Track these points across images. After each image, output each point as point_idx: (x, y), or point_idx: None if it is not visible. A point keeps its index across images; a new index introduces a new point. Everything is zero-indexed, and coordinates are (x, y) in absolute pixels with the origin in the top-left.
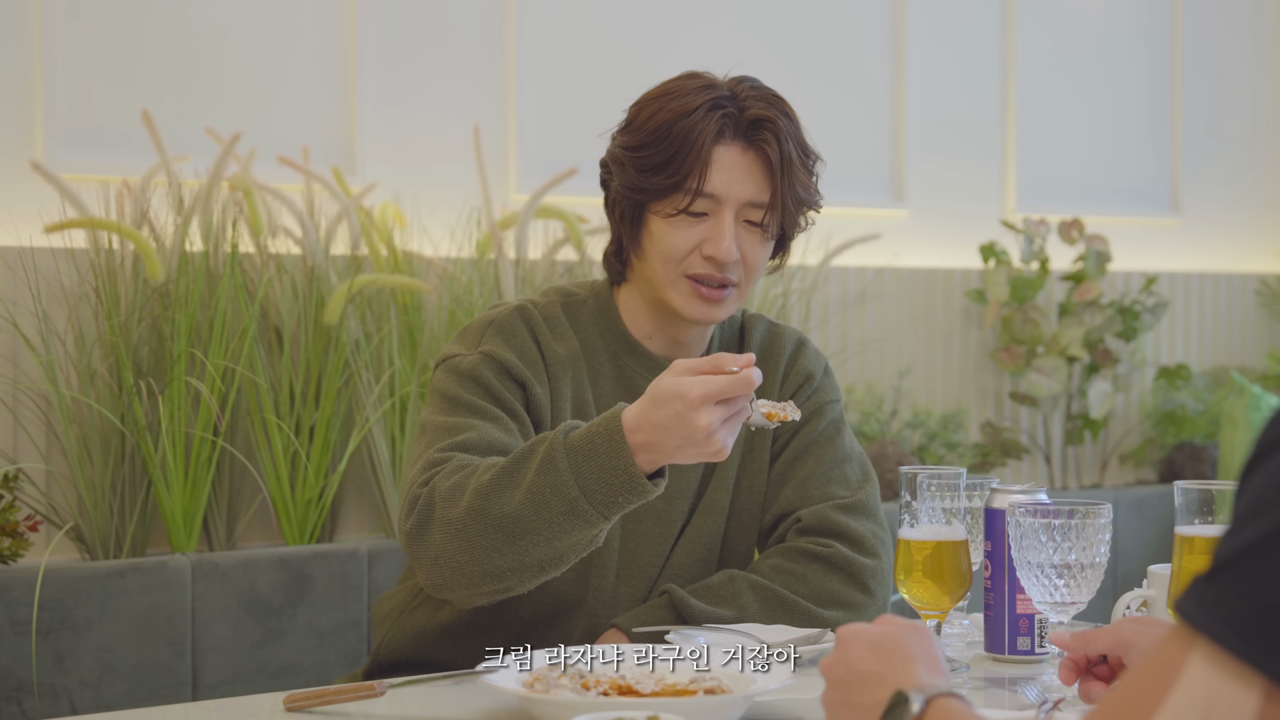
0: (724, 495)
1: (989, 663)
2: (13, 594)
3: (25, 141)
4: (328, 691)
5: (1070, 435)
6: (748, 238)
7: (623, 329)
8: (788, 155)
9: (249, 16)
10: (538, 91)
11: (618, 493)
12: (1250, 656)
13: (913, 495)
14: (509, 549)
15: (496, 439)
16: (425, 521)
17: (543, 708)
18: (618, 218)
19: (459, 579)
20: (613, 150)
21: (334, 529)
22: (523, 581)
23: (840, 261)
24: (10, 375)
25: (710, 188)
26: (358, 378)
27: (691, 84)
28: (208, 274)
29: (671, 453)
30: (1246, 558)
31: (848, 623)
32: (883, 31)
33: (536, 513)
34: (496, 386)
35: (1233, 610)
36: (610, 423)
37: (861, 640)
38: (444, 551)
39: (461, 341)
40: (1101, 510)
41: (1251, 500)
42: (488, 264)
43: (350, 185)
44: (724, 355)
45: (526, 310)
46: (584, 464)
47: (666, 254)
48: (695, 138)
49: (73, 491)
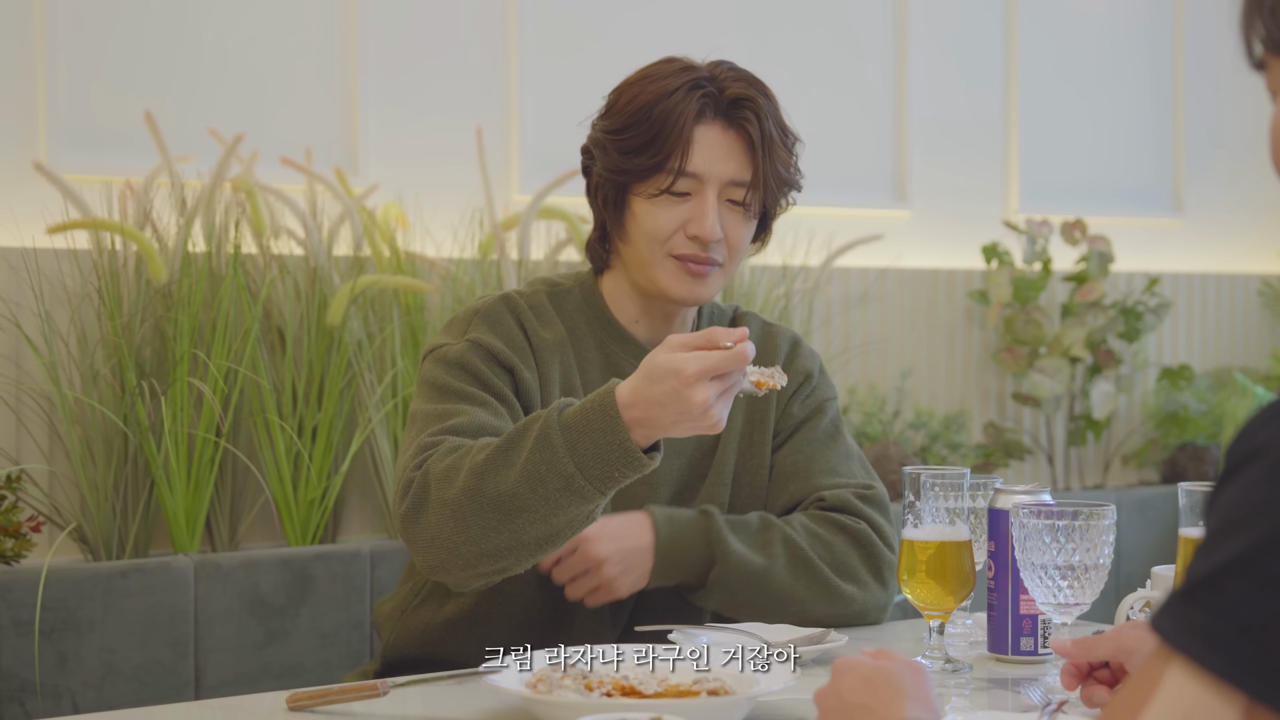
0: (722, 490)
1: (992, 663)
2: (15, 595)
3: (28, 142)
4: (330, 691)
5: (1073, 436)
6: (730, 217)
7: (609, 315)
8: (768, 134)
9: (252, 17)
10: (540, 92)
11: (613, 467)
12: (1233, 677)
13: (916, 495)
14: (505, 527)
15: (487, 423)
16: (420, 503)
17: (546, 708)
18: (600, 203)
19: (455, 560)
20: (594, 135)
21: (336, 530)
22: (519, 560)
23: (842, 262)
24: (13, 376)
25: (692, 167)
26: (360, 378)
27: (670, 67)
28: (210, 275)
29: (667, 427)
30: (1224, 576)
31: (859, 601)
32: (885, 33)
33: (533, 490)
34: (485, 373)
35: (1213, 630)
36: (605, 399)
37: (856, 672)
38: (440, 532)
39: (448, 332)
40: (1105, 511)
41: (1225, 516)
42: (490, 265)
43: (353, 186)
44: (717, 330)
45: (512, 299)
46: (579, 440)
47: (651, 234)
48: (676, 118)
49: (75, 492)
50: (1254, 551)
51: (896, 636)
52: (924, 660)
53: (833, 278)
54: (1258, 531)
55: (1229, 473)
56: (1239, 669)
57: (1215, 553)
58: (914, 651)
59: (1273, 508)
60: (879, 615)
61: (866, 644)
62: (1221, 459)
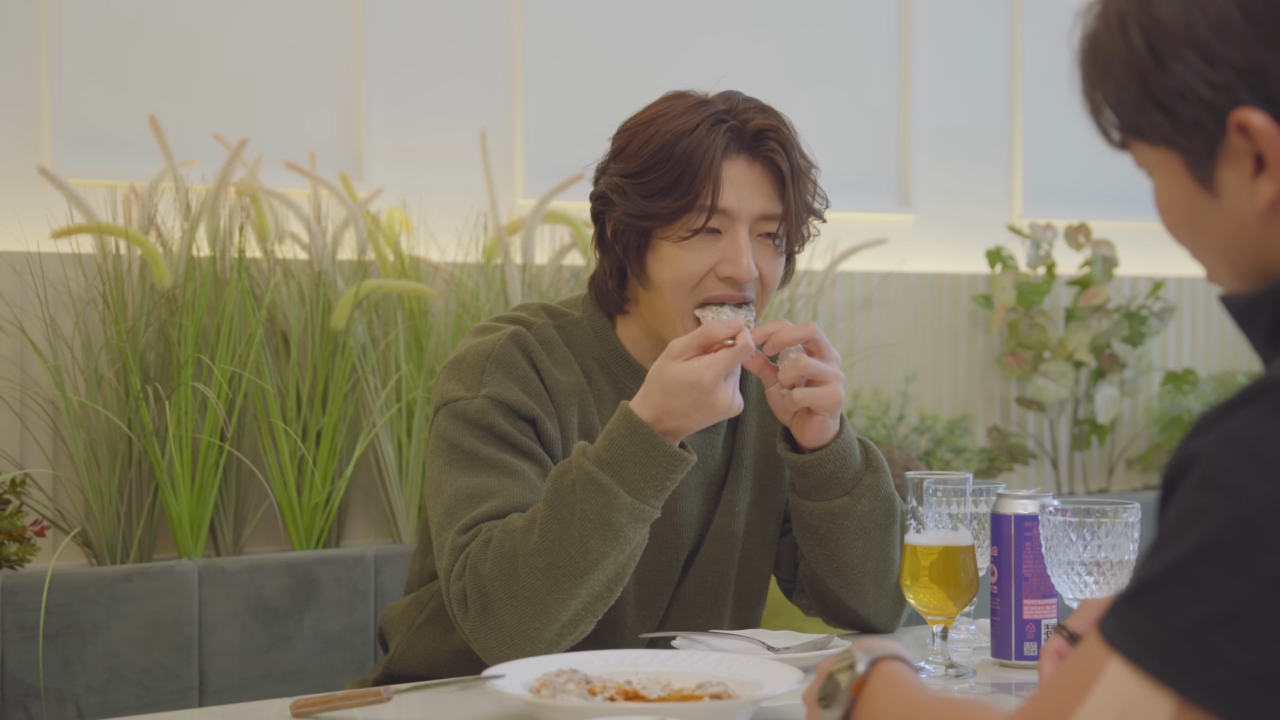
0: (735, 521)
1: (995, 668)
2: (20, 599)
3: (33, 147)
4: (334, 697)
5: (1077, 440)
6: (762, 252)
7: (626, 355)
8: (796, 164)
9: (255, 22)
10: (544, 96)
11: (664, 478)
12: (1165, 677)
13: (919, 500)
14: (583, 586)
15: (519, 501)
16: (486, 609)
17: (549, 713)
18: (620, 250)
19: (540, 641)
20: (610, 181)
21: (340, 534)
22: (597, 612)
23: (846, 266)
24: (17, 380)
25: (724, 203)
26: (364, 383)
27: (682, 103)
28: (215, 279)
29: (693, 428)
30: (1162, 581)
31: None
32: (888, 36)
33: (601, 536)
34: (509, 432)
35: (1151, 633)
36: (629, 422)
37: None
38: (521, 624)
39: (460, 379)
40: (1129, 509)
41: (1166, 523)
42: (494, 269)
43: (357, 190)
44: (712, 326)
45: (522, 337)
46: (624, 469)
47: (680, 281)
48: (703, 154)
49: (79, 497)
50: (1188, 557)
51: (900, 642)
52: (927, 665)
53: (837, 282)
54: (1192, 539)
55: (1168, 483)
56: (1170, 669)
57: (1155, 559)
58: (918, 657)
59: (1204, 515)
60: (896, 623)
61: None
62: (1165, 468)
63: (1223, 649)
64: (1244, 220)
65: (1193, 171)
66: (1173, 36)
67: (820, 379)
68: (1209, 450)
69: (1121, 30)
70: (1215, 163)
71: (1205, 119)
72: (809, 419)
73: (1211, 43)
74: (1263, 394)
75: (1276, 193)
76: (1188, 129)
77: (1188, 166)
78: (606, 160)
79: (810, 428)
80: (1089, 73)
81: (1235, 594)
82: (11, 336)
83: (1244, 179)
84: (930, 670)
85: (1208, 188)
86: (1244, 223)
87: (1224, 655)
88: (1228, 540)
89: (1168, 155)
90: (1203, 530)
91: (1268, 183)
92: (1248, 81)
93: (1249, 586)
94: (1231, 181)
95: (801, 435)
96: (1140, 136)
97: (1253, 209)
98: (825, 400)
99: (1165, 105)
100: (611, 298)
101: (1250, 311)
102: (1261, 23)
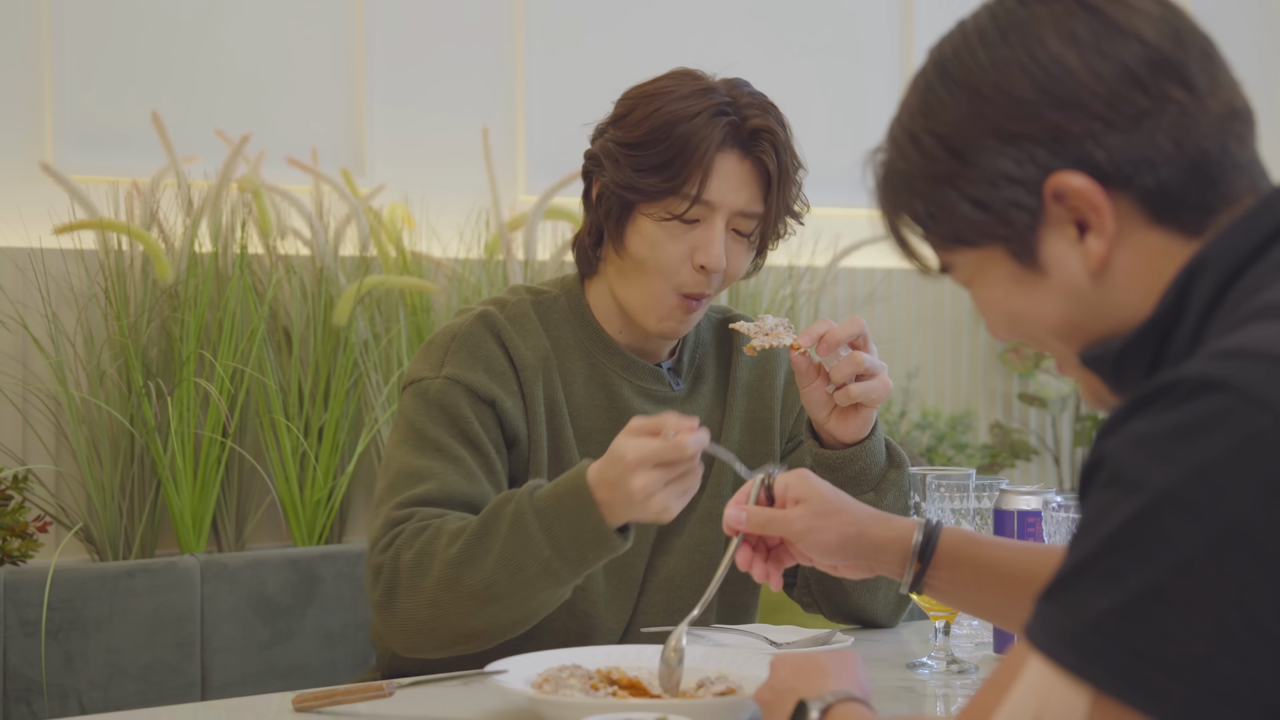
0: (722, 503)
1: (997, 664)
2: (22, 595)
3: (35, 143)
4: (336, 691)
5: (1079, 436)
6: (734, 247)
7: (595, 325)
8: (784, 167)
9: (257, 18)
10: (546, 92)
11: (588, 549)
12: (1079, 669)
13: (922, 496)
14: (481, 614)
15: (457, 490)
16: (392, 591)
17: (552, 708)
18: (602, 212)
19: (430, 642)
20: (604, 145)
21: (343, 530)
22: (493, 640)
23: (849, 262)
24: (20, 376)
25: (708, 195)
26: (366, 379)
27: (688, 84)
28: (217, 275)
29: (622, 512)
30: (1074, 576)
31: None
32: (889, 31)
33: (510, 576)
34: (464, 416)
35: (1062, 627)
36: (577, 480)
37: (787, 664)
38: (414, 619)
39: (426, 360)
40: None
41: (1081, 524)
42: (496, 265)
43: (359, 186)
44: (668, 417)
45: (489, 316)
46: (554, 523)
47: (659, 266)
48: (699, 143)
49: (82, 492)
50: (1096, 550)
51: (902, 638)
52: (929, 662)
53: (839, 278)
54: (1100, 533)
55: (1082, 485)
56: (1083, 661)
57: (1069, 557)
58: (920, 653)
59: (1110, 510)
60: (898, 619)
61: (873, 645)
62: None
63: (1132, 637)
64: (1077, 288)
65: (1018, 258)
66: (965, 133)
67: (872, 372)
68: (1115, 449)
69: (915, 146)
70: (1038, 239)
71: (1020, 196)
72: (854, 413)
73: (1004, 124)
74: (1161, 394)
75: (1107, 248)
76: (1006, 213)
77: (1012, 255)
78: (606, 123)
79: (855, 422)
80: (893, 201)
81: (1141, 583)
82: (14, 332)
83: (1070, 245)
84: (933, 666)
85: (1034, 268)
86: (1077, 290)
87: (1134, 644)
88: (1133, 531)
89: (990, 252)
90: (1109, 524)
91: (1095, 240)
92: (1049, 148)
93: (1154, 575)
94: (1058, 253)
95: (843, 430)
96: (961, 242)
97: (1085, 272)
98: (879, 392)
99: (978, 199)
100: (587, 255)
101: (1122, 356)
102: (1044, 88)
